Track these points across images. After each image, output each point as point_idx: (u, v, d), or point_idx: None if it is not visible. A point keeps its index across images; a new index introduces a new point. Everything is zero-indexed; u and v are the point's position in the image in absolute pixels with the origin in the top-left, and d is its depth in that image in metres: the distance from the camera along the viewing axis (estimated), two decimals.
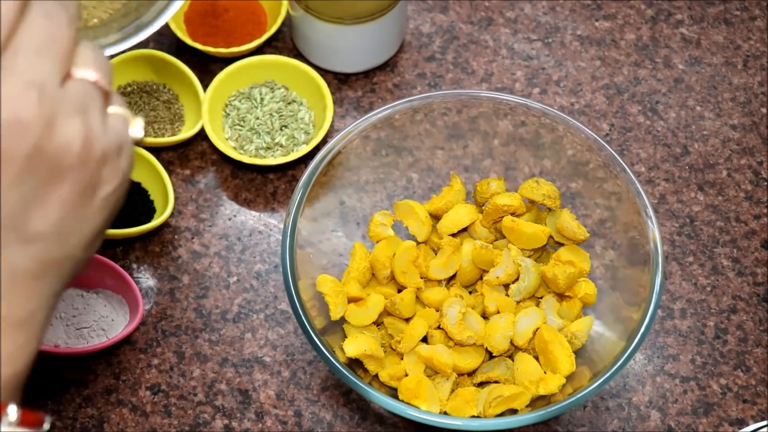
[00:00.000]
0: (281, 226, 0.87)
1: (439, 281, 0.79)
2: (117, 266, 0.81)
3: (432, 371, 0.76)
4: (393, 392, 0.74)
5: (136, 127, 0.51)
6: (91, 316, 0.81)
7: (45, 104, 0.44)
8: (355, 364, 0.74)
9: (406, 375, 0.75)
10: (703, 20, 0.98)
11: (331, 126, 0.90)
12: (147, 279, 0.84)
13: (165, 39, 0.95)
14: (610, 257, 0.79)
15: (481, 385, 0.76)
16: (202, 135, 0.90)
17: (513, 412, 0.72)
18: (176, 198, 0.88)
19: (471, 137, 0.82)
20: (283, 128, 0.90)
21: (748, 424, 0.79)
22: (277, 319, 0.83)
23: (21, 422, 0.47)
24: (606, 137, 0.92)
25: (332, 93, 0.91)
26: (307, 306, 0.72)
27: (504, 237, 0.80)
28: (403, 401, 0.71)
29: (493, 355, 0.76)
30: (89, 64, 0.47)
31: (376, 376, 0.75)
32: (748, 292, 0.85)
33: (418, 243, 0.80)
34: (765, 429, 0.74)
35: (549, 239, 0.80)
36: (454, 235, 0.81)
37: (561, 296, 0.78)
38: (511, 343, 0.76)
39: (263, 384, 0.80)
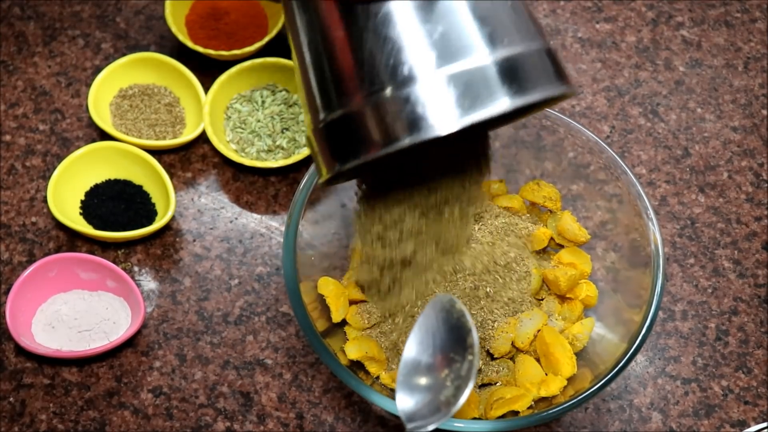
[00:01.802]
0: (282, 228, 0.87)
1: None
2: (118, 269, 0.81)
3: None
4: (395, 394, 0.74)
5: None
6: (92, 319, 0.81)
7: None
8: (356, 366, 0.74)
9: None
10: (703, 22, 0.99)
11: None
12: (148, 282, 0.85)
13: (166, 42, 0.96)
14: (611, 259, 0.79)
15: (483, 387, 0.76)
16: (203, 138, 0.91)
17: (514, 414, 0.72)
18: (177, 201, 0.88)
19: None
20: (285, 131, 0.90)
21: (749, 426, 0.79)
22: (279, 322, 0.83)
23: None
24: (607, 139, 0.92)
25: None
26: (309, 308, 0.73)
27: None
28: None
29: (495, 356, 0.76)
30: None
31: (378, 378, 0.75)
32: (749, 293, 0.85)
33: None
34: (766, 430, 0.74)
35: (550, 241, 0.80)
36: None
37: (562, 298, 0.78)
38: (513, 345, 0.76)
39: (265, 386, 0.80)
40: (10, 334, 0.79)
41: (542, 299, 0.78)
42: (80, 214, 0.86)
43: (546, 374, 0.75)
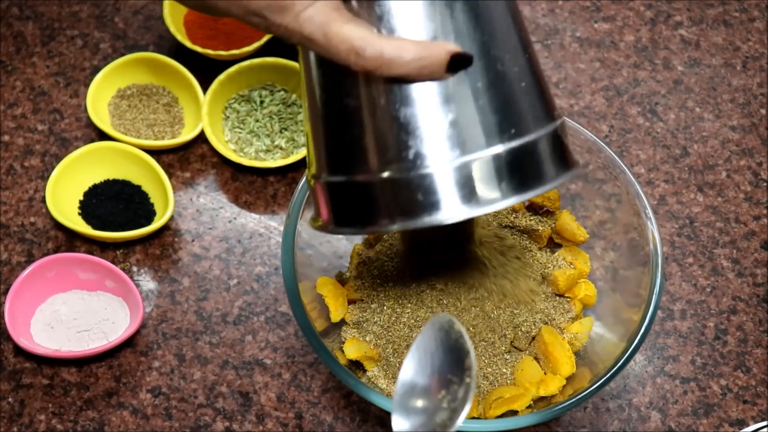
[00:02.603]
0: (281, 228, 0.87)
1: None
2: (117, 269, 0.81)
3: None
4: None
5: None
6: (91, 319, 0.81)
7: None
8: (355, 366, 0.74)
9: None
10: (702, 22, 0.99)
11: None
12: (147, 282, 0.85)
13: (165, 42, 0.96)
14: (610, 258, 0.79)
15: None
16: (202, 138, 0.91)
17: (513, 413, 0.72)
18: (176, 201, 0.88)
19: None
20: (283, 131, 0.90)
21: (748, 425, 0.79)
22: (278, 322, 0.83)
23: None
24: (605, 139, 0.92)
25: None
26: (308, 308, 0.73)
27: None
28: None
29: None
30: None
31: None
32: (747, 292, 0.85)
33: None
34: (765, 430, 0.74)
35: (549, 241, 0.80)
36: None
37: (561, 297, 0.78)
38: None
39: (264, 386, 0.80)
40: (9, 335, 0.79)
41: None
42: (79, 214, 0.86)
43: (545, 374, 0.75)
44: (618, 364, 0.70)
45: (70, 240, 0.86)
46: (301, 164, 0.89)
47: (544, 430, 0.79)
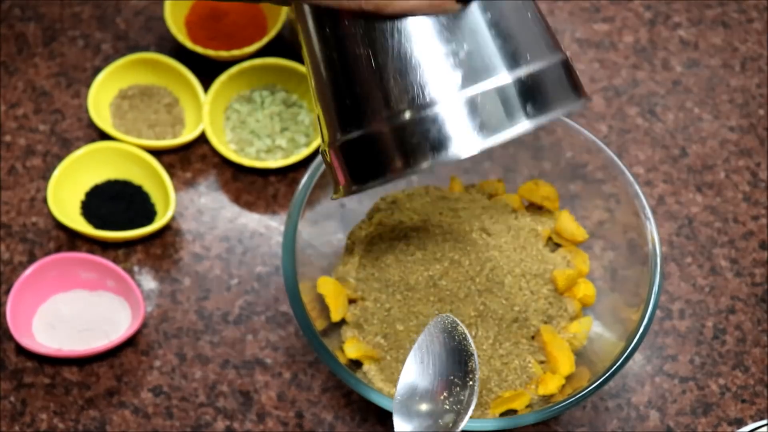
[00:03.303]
0: (282, 228, 0.87)
1: None
2: (119, 269, 0.82)
3: None
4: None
5: None
6: (93, 319, 0.81)
7: None
8: (355, 365, 0.75)
9: None
10: (701, 23, 0.99)
11: None
12: (148, 281, 0.85)
13: (166, 43, 0.96)
14: (609, 258, 0.80)
15: None
16: (203, 138, 0.91)
17: (513, 412, 0.73)
18: (177, 201, 0.88)
19: None
20: (284, 131, 0.90)
21: (746, 424, 0.79)
22: (278, 321, 0.83)
23: None
24: (605, 139, 0.92)
25: None
26: (308, 308, 0.73)
27: None
28: None
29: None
30: None
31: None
32: (746, 292, 0.85)
33: None
34: (763, 428, 0.75)
35: (548, 240, 0.80)
36: None
37: (561, 297, 0.78)
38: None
39: (264, 385, 0.81)
40: (11, 334, 0.79)
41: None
42: (80, 214, 0.87)
43: (544, 373, 0.75)
44: (617, 364, 0.70)
45: (72, 240, 0.86)
46: (301, 164, 0.89)
47: (543, 429, 0.79)
